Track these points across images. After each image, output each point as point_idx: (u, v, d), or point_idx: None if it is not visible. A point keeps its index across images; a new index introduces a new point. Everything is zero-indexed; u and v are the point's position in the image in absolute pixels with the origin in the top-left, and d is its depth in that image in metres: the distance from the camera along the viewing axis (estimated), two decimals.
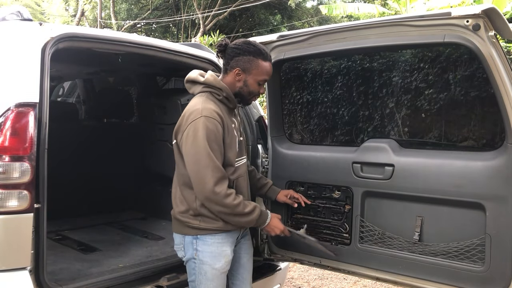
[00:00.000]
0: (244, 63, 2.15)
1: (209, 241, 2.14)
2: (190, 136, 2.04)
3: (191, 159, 2.05)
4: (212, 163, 2.01)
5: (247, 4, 21.47)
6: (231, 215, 2.10)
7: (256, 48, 2.17)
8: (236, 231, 2.25)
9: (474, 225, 2.13)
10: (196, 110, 2.06)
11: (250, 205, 2.15)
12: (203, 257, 2.14)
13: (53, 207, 2.08)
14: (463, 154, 2.35)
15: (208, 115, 2.04)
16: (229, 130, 2.14)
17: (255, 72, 2.16)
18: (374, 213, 2.45)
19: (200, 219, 2.13)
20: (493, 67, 1.95)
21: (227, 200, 2.04)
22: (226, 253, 2.18)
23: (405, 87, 5.47)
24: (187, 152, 2.06)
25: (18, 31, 2.13)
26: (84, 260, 2.80)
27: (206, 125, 2.02)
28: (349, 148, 2.67)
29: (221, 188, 2.02)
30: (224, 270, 2.20)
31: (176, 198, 2.21)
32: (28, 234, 1.91)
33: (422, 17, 2.12)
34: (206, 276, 2.15)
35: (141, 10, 26.12)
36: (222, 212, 2.08)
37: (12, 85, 1.98)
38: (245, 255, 2.37)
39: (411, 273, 2.30)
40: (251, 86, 2.18)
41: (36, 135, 1.94)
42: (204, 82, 2.17)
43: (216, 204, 2.05)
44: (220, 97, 2.15)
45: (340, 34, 2.39)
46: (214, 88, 2.15)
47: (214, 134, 2.04)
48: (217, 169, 2.03)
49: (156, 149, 3.80)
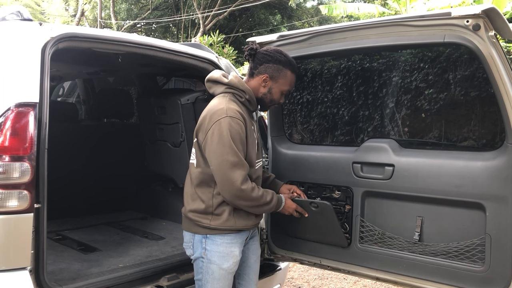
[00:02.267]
0: (273, 71, 2.21)
1: (219, 241, 2.16)
2: (216, 136, 2.06)
3: (217, 158, 2.08)
4: (238, 160, 2.06)
5: (247, 4, 21.46)
6: (257, 206, 2.18)
7: (287, 59, 2.24)
8: (246, 232, 2.28)
9: (474, 225, 2.13)
10: (221, 110, 2.09)
11: (268, 193, 2.23)
12: (211, 256, 2.16)
13: (53, 207, 2.08)
14: (463, 154, 2.35)
15: (233, 115, 2.08)
16: (250, 131, 2.18)
17: (282, 81, 2.23)
18: (374, 213, 2.45)
19: (211, 218, 2.15)
20: (493, 67, 1.95)
21: (253, 194, 2.11)
22: (235, 253, 2.20)
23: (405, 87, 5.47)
24: (212, 151, 2.08)
25: (18, 31, 2.13)
26: (84, 260, 2.80)
27: (231, 125, 2.06)
28: (349, 148, 2.67)
29: (247, 185, 2.09)
30: (232, 270, 2.22)
31: (188, 196, 2.24)
32: (28, 234, 1.91)
33: (422, 17, 2.12)
34: (213, 276, 2.17)
35: (141, 10, 26.12)
36: (249, 206, 2.16)
37: (12, 85, 1.98)
38: (252, 256, 2.40)
39: (411, 273, 2.30)
40: (274, 94, 2.25)
41: (36, 135, 1.94)
42: (228, 83, 2.21)
43: (244, 200, 2.12)
44: (242, 99, 2.19)
45: (340, 34, 2.39)
46: (238, 90, 2.19)
47: (239, 134, 2.08)
48: (243, 166, 2.09)
49: (156, 149, 3.80)
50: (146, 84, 4.11)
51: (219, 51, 13.46)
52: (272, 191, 2.27)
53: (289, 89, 2.27)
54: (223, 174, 2.07)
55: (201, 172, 2.17)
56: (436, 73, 5.31)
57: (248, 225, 2.24)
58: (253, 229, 2.37)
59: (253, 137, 2.21)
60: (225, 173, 2.06)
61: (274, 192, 2.28)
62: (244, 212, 2.20)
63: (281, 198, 2.32)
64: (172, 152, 3.59)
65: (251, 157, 2.18)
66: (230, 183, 2.06)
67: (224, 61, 3.06)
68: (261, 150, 2.39)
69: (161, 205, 3.89)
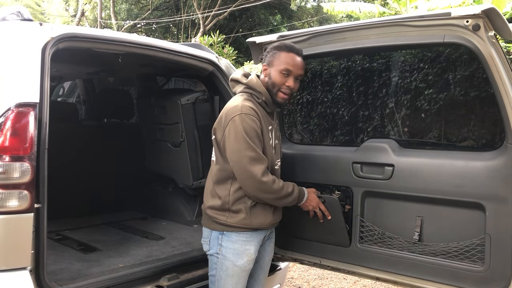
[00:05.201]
0: (269, 57, 2.26)
1: (234, 238, 2.19)
2: (232, 133, 2.11)
3: (235, 155, 2.11)
4: (256, 155, 2.10)
5: (247, 4, 21.46)
6: (279, 198, 2.20)
7: (282, 43, 2.29)
8: (263, 231, 2.30)
9: (474, 225, 2.13)
10: (235, 107, 2.14)
11: (289, 185, 2.25)
12: (226, 253, 2.20)
13: (53, 207, 2.08)
14: (463, 154, 2.35)
15: (246, 112, 2.12)
16: (266, 131, 2.21)
17: (276, 62, 2.23)
18: (374, 213, 2.45)
19: (228, 215, 2.18)
20: (493, 67, 1.95)
21: (274, 186, 2.14)
22: (250, 251, 2.23)
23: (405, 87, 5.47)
24: (230, 148, 2.13)
25: (18, 31, 2.13)
26: (84, 260, 2.80)
27: (246, 121, 2.10)
28: (349, 148, 2.67)
29: (267, 177, 2.12)
30: (246, 268, 2.25)
31: (208, 193, 2.27)
32: (28, 234, 1.91)
33: (422, 17, 2.12)
34: (227, 272, 2.20)
35: (141, 10, 26.12)
36: (271, 198, 2.19)
37: (13, 85, 1.98)
38: (266, 257, 2.43)
39: (411, 273, 2.30)
40: (273, 77, 2.23)
41: (36, 135, 1.94)
42: (247, 83, 2.25)
43: (265, 193, 2.15)
44: (259, 100, 2.23)
45: (340, 34, 2.39)
46: (255, 91, 2.23)
47: (254, 130, 2.12)
48: (262, 160, 2.12)
49: (156, 149, 3.80)
50: (146, 84, 4.11)
51: (219, 51, 13.45)
52: (292, 183, 2.29)
53: (287, 67, 2.21)
54: (242, 169, 2.11)
55: (219, 169, 2.21)
56: (436, 73, 5.31)
57: (265, 224, 2.26)
58: (271, 229, 2.39)
59: (268, 137, 2.23)
60: (244, 168, 2.10)
61: (295, 184, 2.30)
62: (261, 210, 2.22)
63: (304, 190, 2.34)
64: (172, 152, 3.59)
65: (269, 156, 2.21)
66: (251, 177, 2.10)
67: (224, 61, 3.07)
68: (279, 153, 2.40)
69: (161, 205, 3.89)
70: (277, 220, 2.38)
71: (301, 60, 2.26)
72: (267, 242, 2.39)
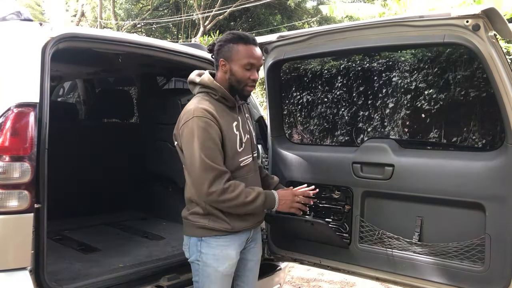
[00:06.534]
0: (225, 52, 2.10)
1: (213, 244, 2.12)
2: (185, 138, 2.04)
3: (188, 161, 2.06)
4: (204, 164, 1.98)
5: (247, 4, 21.46)
6: (236, 207, 2.06)
7: (235, 35, 2.12)
8: (246, 233, 2.22)
9: (474, 225, 2.13)
10: (189, 111, 2.06)
11: (254, 191, 2.09)
12: (207, 259, 2.13)
13: (53, 207, 2.08)
14: (463, 154, 2.35)
15: (199, 115, 2.01)
16: (229, 128, 2.11)
17: (236, 57, 2.09)
18: (374, 213, 2.45)
19: (209, 219, 2.11)
20: (493, 67, 1.95)
21: (224, 196, 2.00)
22: (230, 256, 2.16)
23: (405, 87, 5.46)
24: (186, 155, 2.07)
25: (18, 31, 2.13)
26: (84, 260, 2.80)
27: (198, 125, 2.00)
28: (349, 148, 2.67)
29: (216, 187, 1.99)
30: (228, 273, 2.19)
31: (186, 199, 2.22)
32: (28, 234, 1.91)
33: (422, 17, 2.12)
34: (210, 279, 2.14)
35: (141, 11, 26.12)
36: (226, 207, 2.06)
37: (13, 85, 1.98)
38: (252, 258, 2.34)
39: (411, 273, 2.30)
40: (236, 73, 2.10)
41: (36, 135, 1.94)
42: (200, 82, 2.16)
43: (216, 203, 2.04)
44: (216, 97, 2.13)
45: (340, 34, 2.39)
46: (209, 88, 2.13)
47: (207, 132, 2.01)
48: (211, 169, 1.99)
49: (156, 149, 3.80)
50: (146, 84, 4.12)
51: None
52: (259, 190, 2.14)
53: (250, 61, 2.08)
54: (192, 176, 2.06)
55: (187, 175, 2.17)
56: (436, 73, 5.31)
57: (246, 226, 2.19)
58: (254, 230, 2.30)
59: (233, 133, 2.13)
60: (193, 176, 2.04)
61: (262, 190, 2.14)
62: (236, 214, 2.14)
63: (273, 196, 2.18)
64: (172, 152, 3.59)
65: (232, 154, 2.11)
66: (198, 186, 2.02)
67: None
68: (252, 146, 2.28)
69: (161, 205, 3.89)
70: (258, 220, 2.28)
71: (259, 49, 2.15)
72: (251, 244, 2.30)
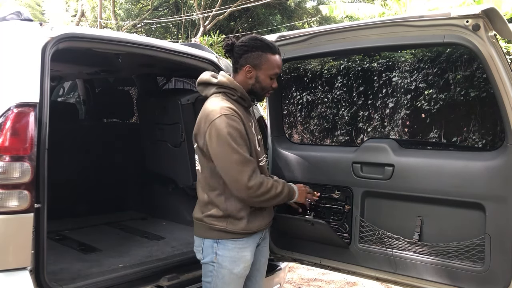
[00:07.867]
0: (254, 59, 2.14)
1: (230, 246, 2.13)
2: (214, 137, 2.02)
3: (220, 159, 2.05)
4: (241, 158, 2.01)
5: (247, 4, 21.45)
6: (269, 200, 2.13)
7: (263, 43, 2.17)
8: (259, 233, 2.25)
9: (474, 225, 2.13)
10: (214, 110, 2.05)
11: (279, 183, 2.19)
12: (223, 261, 2.13)
13: (53, 207, 2.08)
14: (463, 154, 2.35)
15: (227, 113, 2.03)
16: (248, 127, 2.14)
17: (265, 66, 2.15)
18: (374, 213, 2.45)
19: (227, 221, 2.11)
20: (493, 67, 1.95)
21: (261, 189, 2.06)
22: (246, 258, 2.18)
23: (405, 88, 5.46)
24: (215, 154, 2.05)
25: (18, 31, 2.13)
26: (84, 260, 2.80)
27: (227, 123, 2.01)
28: (349, 148, 2.67)
29: (254, 181, 2.04)
30: (243, 275, 2.20)
31: (202, 202, 2.19)
32: (28, 234, 1.91)
33: (422, 17, 2.12)
34: (224, 280, 2.14)
35: (141, 11, 26.11)
36: (261, 201, 2.12)
37: (13, 85, 1.98)
38: (262, 258, 2.38)
39: (411, 273, 2.30)
40: (263, 81, 2.17)
41: (36, 135, 1.94)
42: (218, 83, 2.17)
43: (254, 197, 2.07)
44: (234, 97, 2.15)
45: (340, 34, 2.39)
46: (228, 88, 2.15)
47: (237, 130, 2.03)
48: (248, 163, 2.04)
49: (156, 149, 3.81)
50: (146, 84, 4.12)
51: (219, 51, 13.45)
52: (282, 181, 2.25)
53: (277, 71, 2.17)
54: (228, 174, 2.05)
55: (207, 177, 2.14)
56: (436, 73, 5.30)
57: (262, 226, 2.23)
58: (266, 229, 2.34)
59: (252, 133, 2.17)
60: (230, 173, 2.04)
61: (284, 182, 2.25)
62: (259, 213, 2.18)
63: (292, 187, 2.30)
64: (172, 152, 3.60)
65: (254, 153, 2.15)
66: (237, 182, 2.03)
67: (224, 61, 3.06)
68: (263, 147, 2.34)
69: (161, 205, 3.89)
70: (271, 218, 2.35)
71: None
72: (262, 243, 2.34)
